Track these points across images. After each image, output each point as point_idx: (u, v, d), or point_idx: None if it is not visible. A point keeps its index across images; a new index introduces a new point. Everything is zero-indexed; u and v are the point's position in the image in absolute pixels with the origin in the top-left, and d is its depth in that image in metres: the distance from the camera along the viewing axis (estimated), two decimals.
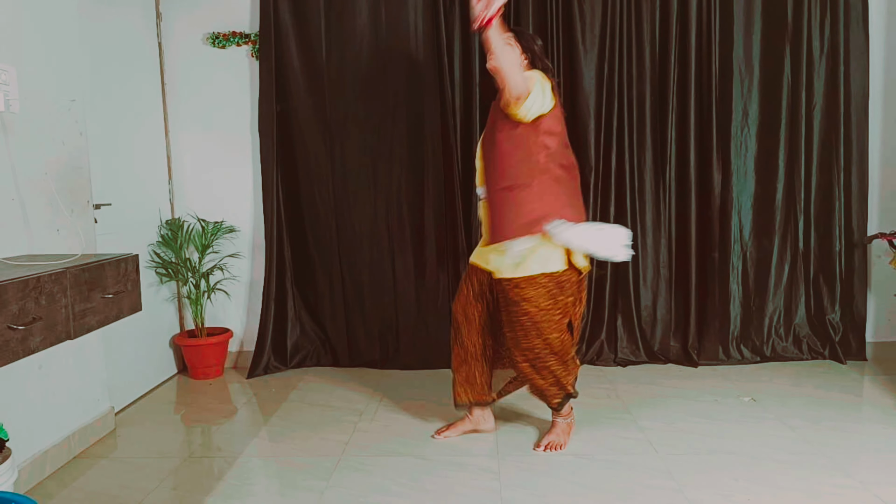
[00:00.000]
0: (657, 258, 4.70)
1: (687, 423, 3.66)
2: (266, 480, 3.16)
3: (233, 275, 4.84)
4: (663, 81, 4.58)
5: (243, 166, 4.80)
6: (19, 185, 2.99)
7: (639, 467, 3.14)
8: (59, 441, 3.28)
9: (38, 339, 2.06)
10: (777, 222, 4.66)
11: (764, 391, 4.13)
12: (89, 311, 2.33)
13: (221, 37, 4.65)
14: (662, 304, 4.74)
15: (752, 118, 4.60)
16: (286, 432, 3.69)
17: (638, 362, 4.70)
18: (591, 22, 4.50)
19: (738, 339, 4.74)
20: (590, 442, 3.44)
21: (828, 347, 4.70)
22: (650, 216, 4.66)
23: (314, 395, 4.28)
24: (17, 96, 2.83)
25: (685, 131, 4.58)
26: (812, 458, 3.20)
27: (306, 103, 4.63)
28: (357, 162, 4.66)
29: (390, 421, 3.81)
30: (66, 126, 3.34)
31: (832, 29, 4.52)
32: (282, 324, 4.80)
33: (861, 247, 4.65)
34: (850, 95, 4.57)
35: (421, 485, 3.02)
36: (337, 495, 2.94)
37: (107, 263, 2.47)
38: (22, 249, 2.98)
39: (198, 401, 4.29)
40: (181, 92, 4.73)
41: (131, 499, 2.95)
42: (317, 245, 4.76)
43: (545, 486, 2.98)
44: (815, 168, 4.64)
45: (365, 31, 4.56)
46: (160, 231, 4.59)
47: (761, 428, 3.58)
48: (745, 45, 4.56)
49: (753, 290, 4.71)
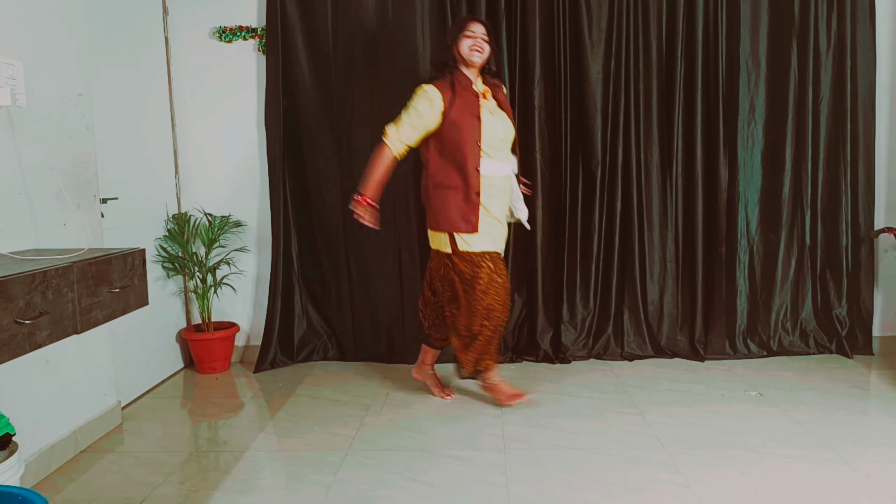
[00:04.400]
0: (664, 252, 4.69)
1: (694, 418, 3.65)
2: (273, 475, 3.17)
3: (239, 269, 4.85)
4: (670, 76, 4.57)
5: (250, 161, 4.80)
6: (26, 179, 2.99)
7: (646, 462, 3.14)
8: (65, 435, 3.29)
9: (45, 333, 2.06)
10: (784, 217, 4.65)
11: (771, 385, 4.13)
12: (96, 305, 2.33)
13: (228, 31, 4.65)
14: (669, 298, 4.73)
15: (758, 112, 4.59)
16: (293, 427, 3.70)
17: (645, 357, 4.70)
18: (597, 16, 4.49)
19: (745, 333, 4.73)
20: (597, 436, 3.44)
21: (834, 342, 4.69)
22: (657, 210, 4.65)
23: (321, 389, 4.29)
24: (23, 91, 2.83)
25: (692, 126, 4.57)
26: (819, 452, 3.19)
27: (313, 97, 4.63)
28: (364, 156, 4.61)
29: (397, 415, 3.81)
30: (73, 121, 3.35)
31: (839, 23, 4.51)
32: (288, 318, 4.81)
33: (868, 241, 4.64)
34: (856, 90, 4.55)
35: (428, 479, 3.02)
36: (344, 489, 2.94)
37: (113, 258, 2.47)
38: (28, 244, 2.98)
39: (204, 395, 4.29)
40: (188, 86, 4.73)
41: (138, 493, 2.96)
42: (323, 239, 4.76)
43: (552, 480, 2.98)
44: (821, 162, 4.62)
45: (372, 25, 4.56)
46: (167, 225, 4.59)
47: (768, 422, 3.57)
48: (751, 40, 4.54)
49: (760, 284, 4.70)
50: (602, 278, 4.73)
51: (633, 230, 4.64)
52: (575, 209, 4.63)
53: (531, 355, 4.71)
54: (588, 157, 4.58)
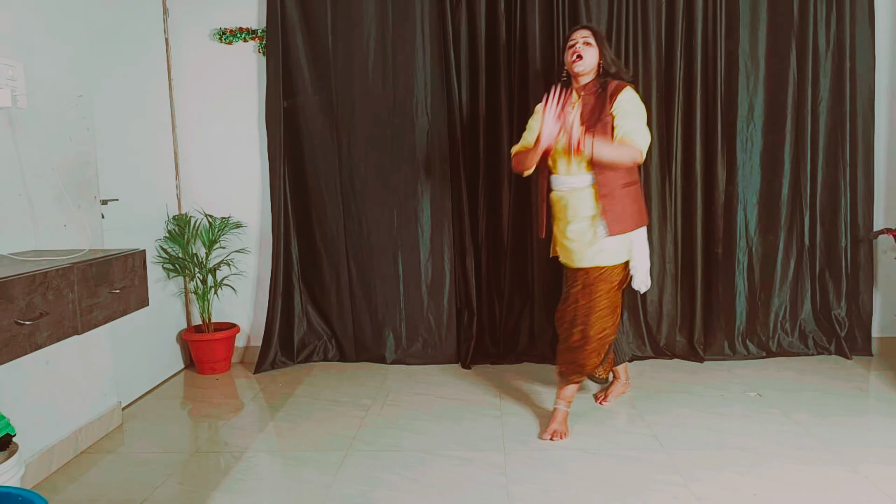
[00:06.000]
0: (663, 253, 4.69)
1: (693, 418, 3.66)
2: (273, 475, 3.17)
3: (240, 270, 4.85)
4: (669, 77, 4.57)
5: (250, 162, 4.80)
6: (26, 180, 3.00)
7: (645, 462, 3.14)
8: (66, 436, 3.30)
9: (46, 334, 2.07)
10: (783, 218, 4.65)
11: (770, 386, 4.13)
12: (96, 306, 2.34)
13: (228, 32, 4.66)
14: (668, 299, 4.73)
15: (757, 114, 4.59)
16: (293, 427, 3.70)
17: (644, 357, 4.70)
18: (597, 17, 4.49)
19: (744, 334, 4.73)
20: (596, 437, 3.45)
21: (833, 343, 4.69)
22: (656, 211, 4.65)
23: (321, 390, 4.29)
24: (24, 92, 2.84)
25: (691, 126, 4.57)
26: (817, 453, 3.19)
27: (313, 99, 4.64)
28: (364, 157, 4.67)
29: (397, 416, 3.82)
30: (74, 121, 3.36)
31: (838, 25, 4.51)
32: (289, 319, 4.82)
33: (867, 242, 4.64)
34: (855, 91, 4.55)
35: (428, 479, 3.03)
36: (344, 490, 2.95)
37: (114, 259, 2.48)
38: (29, 245, 2.99)
39: (205, 396, 4.30)
40: (188, 87, 4.74)
41: (138, 494, 2.96)
42: (324, 240, 4.77)
43: (551, 480, 2.99)
44: (820, 163, 4.62)
45: (371, 26, 4.57)
46: (167, 226, 4.60)
47: (767, 423, 3.58)
48: (751, 41, 4.54)
49: (759, 285, 4.70)
50: None
51: None
52: None
53: (531, 356, 4.72)
54: None
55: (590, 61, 3.42)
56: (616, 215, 3.32)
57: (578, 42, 3.42)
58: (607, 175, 3.31)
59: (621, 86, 3.37)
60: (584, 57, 3.40)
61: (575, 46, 3.42)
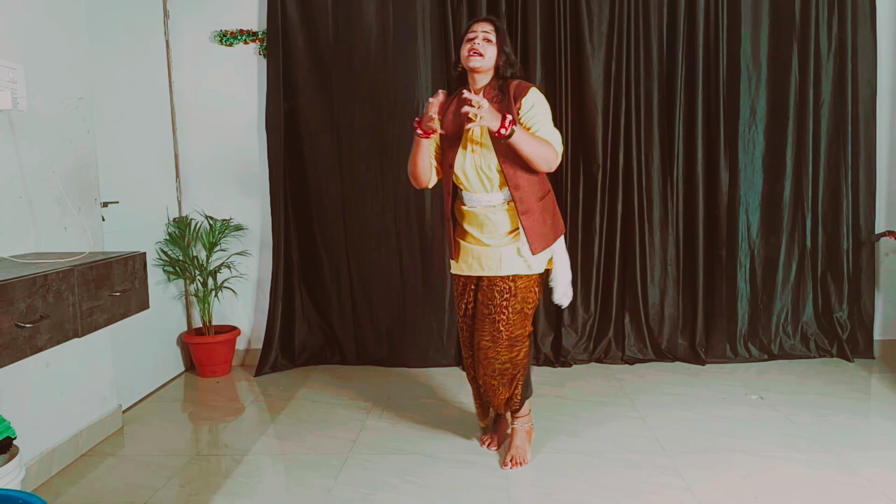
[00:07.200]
0: (665, 256, 4.69)
1: (694, 421, 3.65)
2: (274, 478, 3.17)
3: (240, 273, 4.85)
4: (671, 79, 4.57)
5: (251, 164, 4.80)
6: (27, 183, 2.99)
7: (647, 465, 3.14)
8: (66, 439, 3.29)
9: (46, 337, 2.06)
10: (785, 220, 4.64)
11: (771, 389, 4.12)
12: (97, 308, 2.34)
13: (229, 34, 4.65)
14: (670, 302, 4.73)
15: (759, 116, 4.59)
16: (294, 430, 3.69)
17: (645, 360, 4.70)
18: (598, 20, 4.49)
19: (746, 336, 4.73)
20: (598, 440, 3.44)
21: (835, 345, 4.69)
22: (658, 214, 4.65)
23: (321, 393, 4.28)
24: (24, 94, 2.83)
25: (693, 129, 4.57)
26: (819, 455, 3.19)
27: (314, 101, 4.63)
28: (365, 160, 4.66)
29: (398, 419, 3.81)
30: (74, 124, 3.35)
31: (840, 27, 4.51)
32: (289, 322, 4.81)
33: (869, 245, 4.64)
34: (857, 93, 4.55)
35: (429, 483, 3.02)
36: (345, 493, 2.94)
37: (114, 261, 2.47)
38: (29, 247, 2.99)
39: (205, 399, 4.29)
40: (189, 90, 4.73)
41: (139, 497, 2.96)
42: (324, 243, 4.76)
43: (553, 484, 2.98)
44: (822, 166, 4.62)
45: (373, 29, 4.56)
46: (168, 229, 4.59)
47: (769, 426, 3.57)
48: (752, 43, 4.54)
49: (761, 287, 4.70)
50: (603, 282, 4.73)
51: (633, 233, 4.64)
52: (576, 212, 4.63)
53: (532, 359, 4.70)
54: (589, 160, 4.58)
55: (488, 59, 3.04)
56: (538, 234, 3.07)
57: (479, 37, 3.03)
58: (523, 191, 3.03)
59: (524, 86, 3.05)
60: (483, 54, 3.02)
61: (474, 42, 3.02)
